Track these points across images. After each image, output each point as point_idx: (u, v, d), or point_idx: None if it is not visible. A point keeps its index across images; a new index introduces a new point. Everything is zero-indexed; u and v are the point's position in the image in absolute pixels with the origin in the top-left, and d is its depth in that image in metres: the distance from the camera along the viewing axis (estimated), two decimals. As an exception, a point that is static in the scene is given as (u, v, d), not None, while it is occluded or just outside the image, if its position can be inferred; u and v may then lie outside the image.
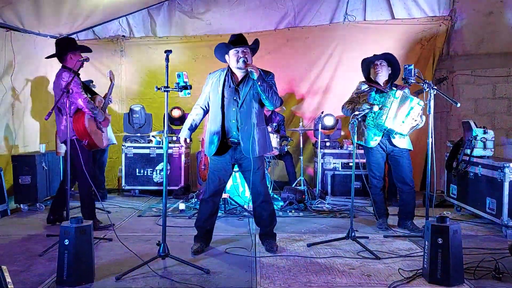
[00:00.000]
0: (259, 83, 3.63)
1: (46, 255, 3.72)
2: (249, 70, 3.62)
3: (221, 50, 3.82)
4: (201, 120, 3.97)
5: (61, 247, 3.08)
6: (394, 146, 4.52)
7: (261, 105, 3.85)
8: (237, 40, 3.76)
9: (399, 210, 4.74)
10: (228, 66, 3.85)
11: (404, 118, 4.32)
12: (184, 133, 3.89)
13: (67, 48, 4.56)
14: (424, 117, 4.42)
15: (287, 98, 7.26)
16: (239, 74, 3.82)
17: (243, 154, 3.79)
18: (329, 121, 6.58)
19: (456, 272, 3.10)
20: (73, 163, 4.40)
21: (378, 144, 4.54)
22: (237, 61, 3.69)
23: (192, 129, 3.92)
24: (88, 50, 4.77)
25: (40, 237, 4.33)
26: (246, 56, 3.70)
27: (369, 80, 4.67)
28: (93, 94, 4.87)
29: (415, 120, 4.34)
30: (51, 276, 3.22)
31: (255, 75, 3.60)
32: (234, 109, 3.75)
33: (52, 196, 5.54)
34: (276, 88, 3.80)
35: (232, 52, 3.75)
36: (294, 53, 7.20)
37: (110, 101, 4.98)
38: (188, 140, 3.90)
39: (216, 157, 3.86)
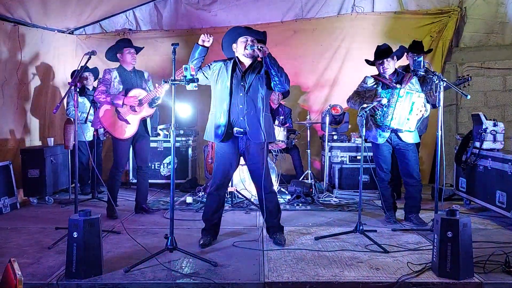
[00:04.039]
0: (270, 60, 3.65)
1: (55, 248, 3.75)
2: (259, 47, 3.63)
3: (230, 38, 3.85)
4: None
5: (70, 240, 3.09)
6: (401, 140, 4.48)
7: (269, 89, 3.85)
8: (247, 29, 3.82)
9: (405, 204, 4.71)
10: (234, 56, 3.86)
11: (408, 115, 4.27)
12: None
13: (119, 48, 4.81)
14: (428, 106, 4.37)
15: (294, 91, 7.23)
16: (246, 62, 3.83)
17: (249, 141, 3.79)
18: (336, 110, 6.55)
19: (465, 265, 3.07)
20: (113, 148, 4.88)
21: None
22: (245, 48, 3.72)
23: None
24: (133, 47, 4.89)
25: (49, 230, 4.35)
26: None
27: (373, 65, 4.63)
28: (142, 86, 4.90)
29: (420, 111, 4.30)
30: (60, 268, 3.24)
31: (266, 51, 3.62)
32: (241, 94, 3.76)
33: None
34: None
35: (241, 39, 3.78)
36: (301, 45, 7.15)
37: (155, 100, 4.87)
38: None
39: (222, 148, 3.86)
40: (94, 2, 6.32)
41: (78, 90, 4.13)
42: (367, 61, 4.63)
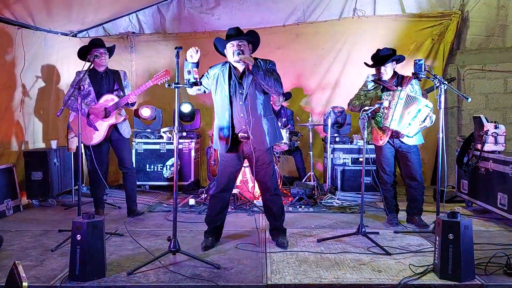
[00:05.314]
0: (254, 73, 3.62)
1: (58, 250, 3.76)
2: (243, 60, 3.61)
3: (221, 46, 3.83)
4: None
5: (73, 243, 3.11)
6: (403, 142, 4.49)
7: (267, 95, 3.84)
8: (232, 33, 3.75)
9: (407, 206, 4.72)
10: (228, 62, 3.83)
11: (410, 120, 4.26)
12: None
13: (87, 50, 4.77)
14: (433, 117, 4.35)
15: (296, 93, 7.25)
16: (240, 67, 3.79)
17: (254, 147, 3.78)
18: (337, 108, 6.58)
19: (467, 267, 3.08)
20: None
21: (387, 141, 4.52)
22: (233, 54, 3.69)
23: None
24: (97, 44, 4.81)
25: (52, 232, 4.37)
26: (241, 49, 3.69)
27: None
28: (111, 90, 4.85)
29: (424, 121, 4.29)
30: (64, 271, 3.26)
31: (250, 66, 3.60)
32: (240, 102, 3.74)
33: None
34: (277, 74, 3.77)
35: (228, 46, 3.75)
36: (303, 48, 7.18)
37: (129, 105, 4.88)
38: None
39: (227, 153, 3.87)
40: (98, 5, 6.34)
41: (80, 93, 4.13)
42: (367, 64, 4.65)
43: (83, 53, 4.78)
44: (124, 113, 4.88)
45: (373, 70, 4.67)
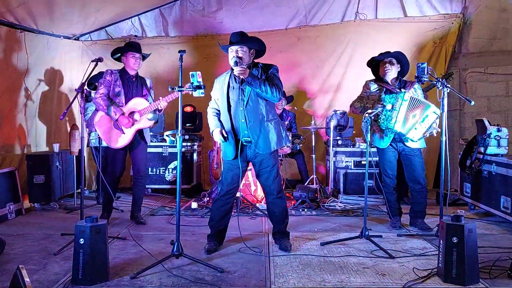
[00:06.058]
0: (249, 84, 3.63)
1: (61, 254, 3.76)
2: (238, 73, 3.60)
3: (224, 49, 3.86)
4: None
5: (76, 246, 3.10)
6: (406, 146, 4.48)
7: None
8: (231, 40, 3.77)
9: (410, 209, 4.72)
10: (230, 68, 3.85)
11: (416, 124, 4.27)
12: (217, 128, 3.82)
13: (122, 51, 4.80)
14: (437, 123, 4.34)
15: (299, 96, 7.26)
16: None
17: (257, 152, 3.79)
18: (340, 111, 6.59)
19: (471, 271, 3.08)
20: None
21: (390, 144, 4.52)
22: (231, 60, 3.70)
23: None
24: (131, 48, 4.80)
25: (55, 236, 4.37)
26: (238, 55, 3.70)
27: (378, 78, 4.64)
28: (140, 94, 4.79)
29: (429, 127, 4.27)
30: (67, 275, 3.26)
31: (244, 78, 3.60)
32: (241, 108, 3.75)
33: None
34: (278, 79, 3.77)
35: (229, 51, 3.78)
36: (305, 51, 7.19)
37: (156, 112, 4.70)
38: (224, 133, 3.80)
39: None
40: (100, 8, 6.35)
41: (84, 96, 4.14)
42: (370, 62, 4.65)
43: (116, 53, 4.80)
44: (152, 118, 4.72)
45: (372, 76, 4.68)
